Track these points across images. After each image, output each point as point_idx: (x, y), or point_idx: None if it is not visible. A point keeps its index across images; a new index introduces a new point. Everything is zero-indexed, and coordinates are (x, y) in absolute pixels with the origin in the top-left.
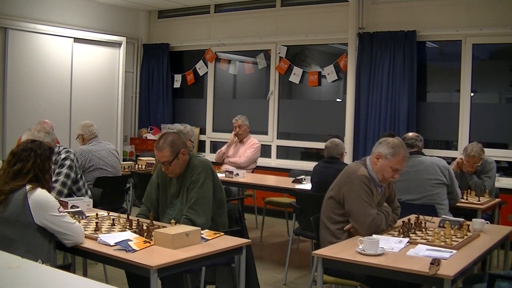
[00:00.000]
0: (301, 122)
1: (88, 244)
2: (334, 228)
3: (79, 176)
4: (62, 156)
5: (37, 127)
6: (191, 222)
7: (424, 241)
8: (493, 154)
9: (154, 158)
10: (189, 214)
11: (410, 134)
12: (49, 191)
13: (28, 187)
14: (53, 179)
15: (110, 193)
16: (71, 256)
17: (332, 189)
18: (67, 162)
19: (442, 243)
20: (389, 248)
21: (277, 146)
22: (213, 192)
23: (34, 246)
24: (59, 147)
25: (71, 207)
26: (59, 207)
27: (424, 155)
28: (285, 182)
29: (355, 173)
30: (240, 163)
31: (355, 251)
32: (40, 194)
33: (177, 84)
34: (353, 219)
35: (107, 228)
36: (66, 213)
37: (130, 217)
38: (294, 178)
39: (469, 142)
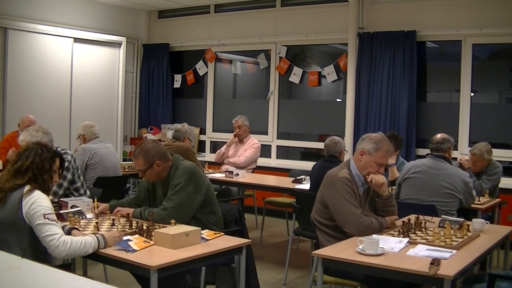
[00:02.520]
0: (301, 122)
1: None
2: (325, 229)
3: (76, 176)
4: None
5: (35, 126)
6: (160, 217)
7: (424, 241)
8: (493, 154)
9: None
10: (159, 210)
11: (438, 136)
12: (48, 192)
13: (26, 189)
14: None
15: (110, 193)
16: None
17: (319, 192)
18: (64, 164)
19: (442, 243)
20: (389, 248)
21: (277, 146)
22: (194, 196)
23: (31, 250)
24: (56, 148)
25: (71, 207)
26: (48, 214)
27: (450, 162)
28: (285, 182)
29: (336, 176)
30: (239, 163)
31: (355, 251)
32: (33, 199)
33: (177, 84)
34: (339, 221)
35: (107, 228)
36: (52, 223)
37: (130, 217)
38: (294, 178)
39: (469, 142)
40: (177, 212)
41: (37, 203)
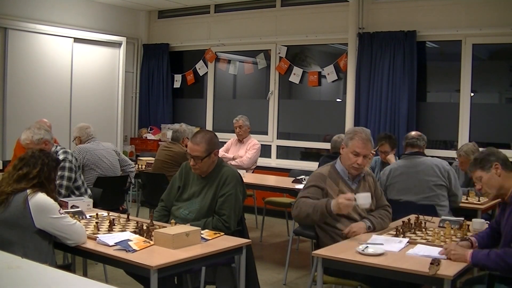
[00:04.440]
0: (301, 122)
1: (88, 244)
2: (324, 226)
3: (77, 175)
4: (60, 157)
5: (36, 125)
6: (223, 227)
7: (424, 241)
8: None
9: (154, 158)
10: (219, 223)
11: (413, 133)
12: (54, 200)
13: (29, 190)
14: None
15: (110, 193)
16: (71, 256)
17: None
18: (67, 164)
19: (442, 243)
20: (388, 248)
21: (277, 146)
22: (241, 200)
23: (33, 249)
24: (56, 146)
25: (71, 207)
26: (60, 209)
27: (425, 155)
28: (285, 182)
29: (315, 171)
30: (243, 164)
31: (355, 251)
32: (41, 197)
33: (177, 84)
34: None
35: (107, 228)
36: (66, 214)
37: (130, 217)
38: (294, 178)
39: (469, 142)
40: (235, 218)
41: (48, 201)
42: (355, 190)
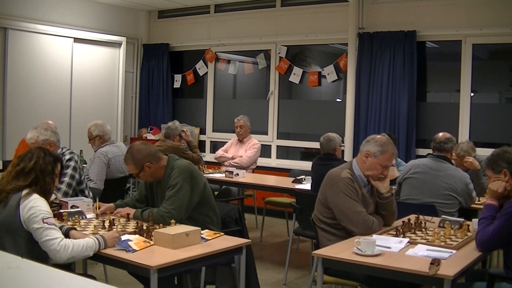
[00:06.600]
0: (301, 122)
1: None
2: (326, 228)
3: (82, 177)
4: (66, 157)
5: (43, 125)
6: (161, 219)
7: (424, 241)
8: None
9: None
10: (160, 212)
11: (440, 135)
12: (49, 195)
13: (24, 192)
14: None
15: (110, 193)
16: None
17: (320, 192)
18: (71, 163)
19: (442, 243)
20: (388, 248)
21: (277, 146)
22: (191, 195)
23: (27, 254)
24: (62, 148)
25: (71, 207)
26: (47, 218)
27: (451, 163)
28: (285, 182)
29: (338, 176)
30: (242, 163)
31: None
32: (32, 201)
33: (177, 84)
34: (345, 220)
35: (107, 228)
36: (50, 227)
37: (131, 218)
38: (294, 178)
39: (469, 142)
40: (177, 212)
41: (36, 206)
42: (367, 195)
